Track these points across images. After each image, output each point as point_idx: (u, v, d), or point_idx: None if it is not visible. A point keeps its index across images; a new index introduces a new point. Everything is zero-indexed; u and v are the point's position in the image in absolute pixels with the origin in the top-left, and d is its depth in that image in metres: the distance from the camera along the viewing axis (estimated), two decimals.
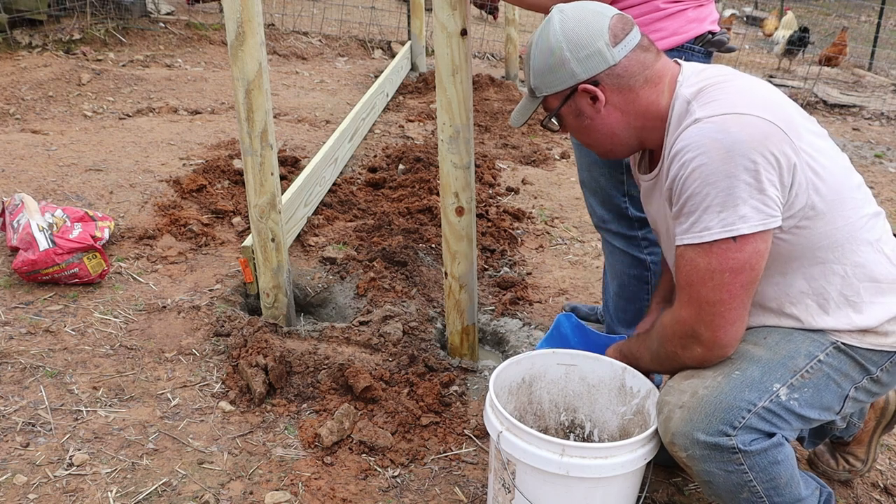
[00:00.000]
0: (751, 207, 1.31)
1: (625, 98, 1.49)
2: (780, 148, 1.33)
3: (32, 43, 5.78)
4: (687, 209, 1.37)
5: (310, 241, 3.03)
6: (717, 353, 1.42)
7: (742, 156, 1.31)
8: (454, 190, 2.06)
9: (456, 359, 2.33)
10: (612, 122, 1.53)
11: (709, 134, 1.34)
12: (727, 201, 1.32)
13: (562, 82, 1.50)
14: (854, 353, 1.44)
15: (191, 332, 2.35)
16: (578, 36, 1.46)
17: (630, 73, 1.48)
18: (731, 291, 1.36)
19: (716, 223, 1.33)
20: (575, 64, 1.47)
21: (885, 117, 6.85)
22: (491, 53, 8.05)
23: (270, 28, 7.46)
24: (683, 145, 1.37)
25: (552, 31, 1.48)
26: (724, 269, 1.35)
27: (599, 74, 1.47)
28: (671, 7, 1.88)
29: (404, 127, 4.98)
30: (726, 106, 1.37)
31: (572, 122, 1.57)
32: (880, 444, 1.95)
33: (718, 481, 1.41)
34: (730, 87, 1.42)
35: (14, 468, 1.75)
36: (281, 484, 1.80)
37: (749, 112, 1.35)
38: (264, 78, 2.08)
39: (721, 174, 1.31)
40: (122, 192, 3.24)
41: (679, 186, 1.38)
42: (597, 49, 1.46)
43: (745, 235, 1.32)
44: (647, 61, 1.49)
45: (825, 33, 11.32)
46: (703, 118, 1.37)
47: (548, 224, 3.60)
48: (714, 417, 1.36)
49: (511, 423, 1.46)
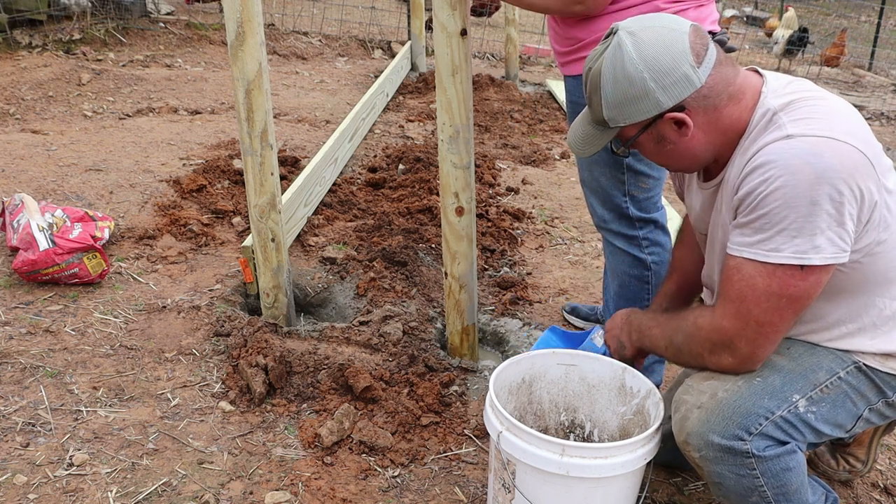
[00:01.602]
0: (826, 239, 1.27)
1: (709, 118, 1.40)
2: (866, 183, 1.28)
3: (32, 43, 5.78)
4: (758, 224, 1.31)
5: (310, 241, 3.03)
6: (748, 366, 1.42)
7: (830, 185, 1.25)
8: (454, 190, 2.06)
9: (456, 359, 2.33)
10: (696, 143, 1.43)
11: (800, 155, 1.26)
12: (805, 228, 1.26)
13: (645, 112, 1.39)
14: (874, 375, 1.44)
15: (191, 332, 2.35)
16: (661, 62, 1.34)
17: (715, 93, 1.38)
18: (782, 316, 1.34)
19: (788, 247, 1.28)
20: (661, 93, 1.36)
21: (885, 117, 6.86)
22: (491, 53, 8.05)
23: (270, 28, 7.47)
24: (770, 159, 1.29)
25: (628, 58, 1.35)
26: (783, 295, 1.31)
27: (686, 99, 1.37)
28: (671, 7, 1.88)
29: (404, 127, 4.98)
30: (821, 127, 1.29)
31: (651, 147, 1.47)
32: (880, 445, 1.95)
33: (729, 484, 1.41)
34: (823, 105, 1.35)
35: (14, 468, 1.75)
36: (281, 484, 1.80)
37: (844, 140, 1.28)
38: (264, 78, 2.08)
39: (805, 199, 1.25)
40: (122, 192, 3.24)
41: (756, 201, 1.31)
42: (683, 74, 1.34)
43: (811, 266, 1.28)
44: (728, 77, 1.39)
45: (825, 33, 11.32)
46: (796, 135, 1.29)
47: (548, 224, 3.60)
48: (731, 421, 1.36)
49: (511, 423, 1.46)
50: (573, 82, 2.05)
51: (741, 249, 1.35)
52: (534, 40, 8.57)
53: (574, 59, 2.00)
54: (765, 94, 1.40)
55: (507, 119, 5.31)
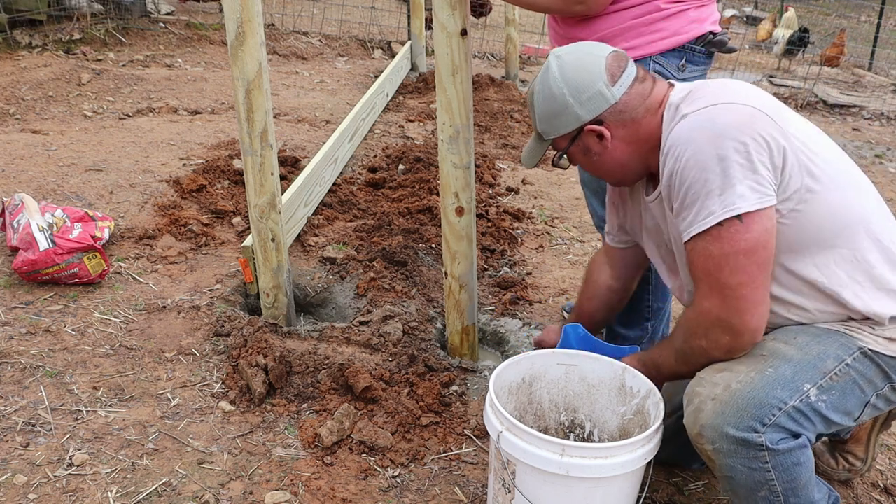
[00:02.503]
0: (746, 187, 1.35)
1: (629, 130, 1.56)
2: (767, 131, 1.38)
3: (32, 43, 5.78)
4: (688, 200, 1.40)
5: (310, 241, 3.03)
6: (747, 339, 1.43)
7: (731, 138, 1.36)
8: (454, 190, 2.06)
9: (456, 359, 2.33)
10: (620, 154, 1.59)
11: (696, 126, 1.40)
12: (724, 183, 1.35)
13: (568, 125, 1.57)
14: (880, 359, 1.45)
15: (191, 332, 2.35)
16: (579, 81, 1.53)
17: (631, 107, 1.54)
18: (749, 272, 1.38)
19: (717, 206, 1.36)
20: (578, 107, 1.54)
21: (885, 117, 6.86)
22: (491, 53, 8.05)
23: (270, 28, 7.47)
24: (674, 140, 1.43)
25: (552, 78, 1.56)
26: (738, 252, 1.37)
27: (603, 113, 1.54)
28: (672, 7, 1.88)
29: (404, 127, 4.98)
30: (710, 100, 1.43)
31: (581, 158, 1.64)
32: (880, 444, 1.95)
33: (740, 477, 1.41)
34: (713, 85, 1.50)
35: (14, 468, 1.75)
36: (281, 484, 1.80)
37: (733, 101, 1.41)
38: (264, 78, 2.08)
39: (713, 158, 1.36)
40: (122, 192, 3.24)
41: (677, 180, 1.42)
42: (598, 91, 1.53)
43: (749, 214, 1.35)
44: (644, 91, 1.55)
45: (825, 33, 11.32)
46: (689, 113, 1.43)
47: (548, 224, 3.60)
48: (745, 413, 1.37)
49: (511, 423, 1.46)
50: None
51: (688, 231, 1.42)
52: (534, 40, 8.57)
53: None
54: (670, 96, 1.55)
55: (507, 119, 5.31)
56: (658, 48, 1.90)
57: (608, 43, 1.90)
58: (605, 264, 1.98)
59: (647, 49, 1.90)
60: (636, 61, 1.91)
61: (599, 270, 1.99)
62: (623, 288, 1.99)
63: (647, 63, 1.91)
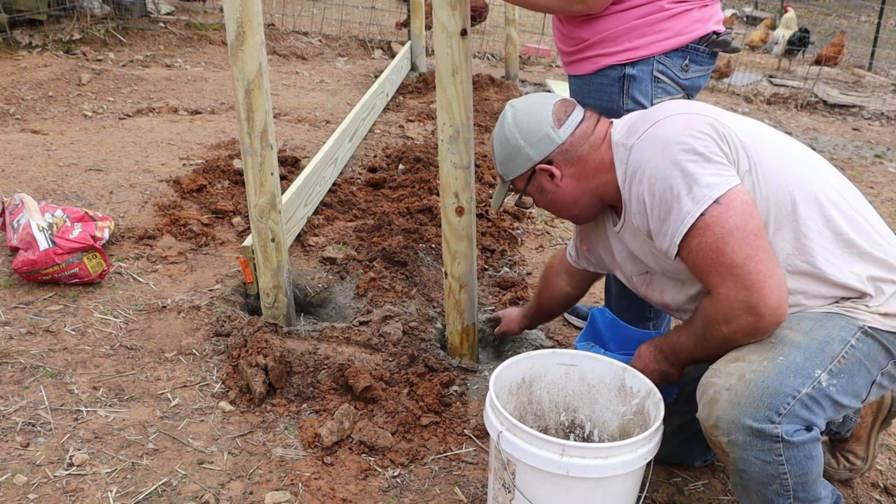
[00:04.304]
0: (710, 176, 1.43)
1: (576, 168, 1.69)
2: (703, 128, 1.49)
3: (32, 43, 5.78)
4: (663, 212, 1.48)
5: (310, 241, 3.03)
6: (768, 319, 1.42)
7: (676, 143, 1.47)
8: (454, 190, 2.06)
9: (456, 359, 2.32)
10: (571, 190, 1.71)
11: (644, 148, 1.53)
12: (689, 182, 1.43)
13: (522, 166, 1.73)
14: (881, 336, 1.46)
15: (191, 332, 2.35)
16: (528, 126, 1.69)
17: (576, 146, 1.67)
18: (749, 243, 1.41)
19: (691, 203, 1.43)
20: (529, 149, 1.69)
21: (885, 117, 6.86)
22: (491, 53, 8.05)
23: (270, 28, 7.47)
24: (632, 168, 1.55)
25: (506, 124, 1.72)
26: (731, 229, 1.41)
27: (552, 154, 1.68)
28: (676, 7, 1.88)
29: (404, 127, 4.98)
30: (648, 123, 1.57)
31: (539, 197, 1.78)
32: (880, 444, 1.95)
33: (752, 470, 1.41)
34: (649, 112, 1.62)
35: (14, 468, 1.75)
36: (281, 484, 1.80)
37: (664, 117, 1.55)
38: (264, 78, 2.08)
39: (669, 166, 1.46)
40: (122, 192, 3.24)
41: (646, 199, 1.51)
42: (545, 133, 1.67)
43: (724, 195, 1.42)
44: (588, 130, 1.68)
45: (825, 33, 11.32)
46: (634, 143, 1.56)
47: (548, 224, 3.60)
48: (761, 402, 1.37)
49: (511, 423, 1.46)
50: (578, 82, 2.05)
51: (675, 238, 1.47)
52: (534, 40, 8.57)
53: (579, 58, 2.00)
54: (612, 134, 1.66)
55: None
56: (662, 48, 1.90)
57: (612, 43, 1.91)
58: (563, 272, 2.13)
59: (650, 49, 1.90)
60: (640, 61, 1.91)
61: (558, 276, 2.14)
62: (579, 295, 2.16)
63: (651, 63, 1.91)
